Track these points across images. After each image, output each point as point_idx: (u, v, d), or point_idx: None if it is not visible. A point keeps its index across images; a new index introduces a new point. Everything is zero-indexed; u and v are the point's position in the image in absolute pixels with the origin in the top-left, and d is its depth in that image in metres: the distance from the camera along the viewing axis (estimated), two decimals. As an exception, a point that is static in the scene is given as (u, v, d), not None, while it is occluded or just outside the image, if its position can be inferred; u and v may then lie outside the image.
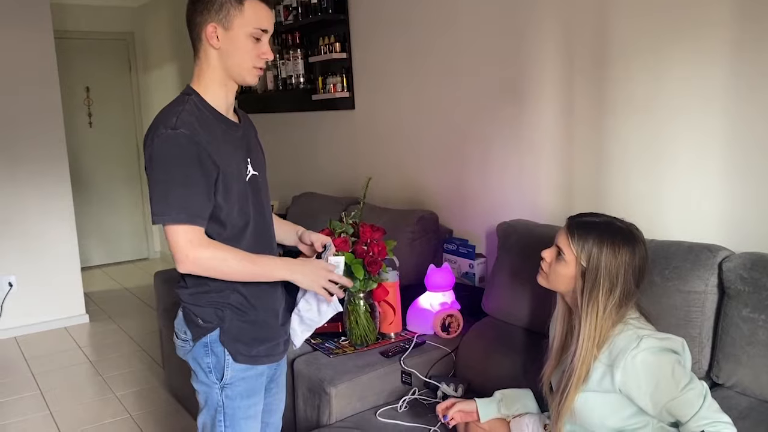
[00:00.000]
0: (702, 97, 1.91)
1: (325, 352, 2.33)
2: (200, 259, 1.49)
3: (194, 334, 1.63)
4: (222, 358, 1.61)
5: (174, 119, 1.46)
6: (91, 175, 6.06)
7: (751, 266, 1.63)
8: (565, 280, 1.57)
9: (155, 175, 1.47)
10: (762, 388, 1.58)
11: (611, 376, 1.48)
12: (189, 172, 1.46)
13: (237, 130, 1.62)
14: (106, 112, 6.13)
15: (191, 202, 1.46)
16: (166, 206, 1.46)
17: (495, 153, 2.66)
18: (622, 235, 1.53)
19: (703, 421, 1.40)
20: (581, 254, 1.52)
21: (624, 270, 1.50)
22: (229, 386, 1.63)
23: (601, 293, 1.50)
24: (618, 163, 2.18)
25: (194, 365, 1.66)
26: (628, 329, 1.49)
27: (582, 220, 1.59)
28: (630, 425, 1.51)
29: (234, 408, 1.65)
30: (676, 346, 1.49)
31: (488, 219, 2.70)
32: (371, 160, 3.41)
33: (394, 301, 2.41)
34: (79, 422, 3.12)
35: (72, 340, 4.31)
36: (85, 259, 5.75)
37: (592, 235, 1.52)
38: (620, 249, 1.50)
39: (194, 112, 1.51)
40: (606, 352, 1.50)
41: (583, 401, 1.53)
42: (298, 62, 3.69)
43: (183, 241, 1.47)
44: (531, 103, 2.46)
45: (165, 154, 1.45)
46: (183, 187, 1.45)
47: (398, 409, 2.12)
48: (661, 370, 1.44)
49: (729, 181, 1.88)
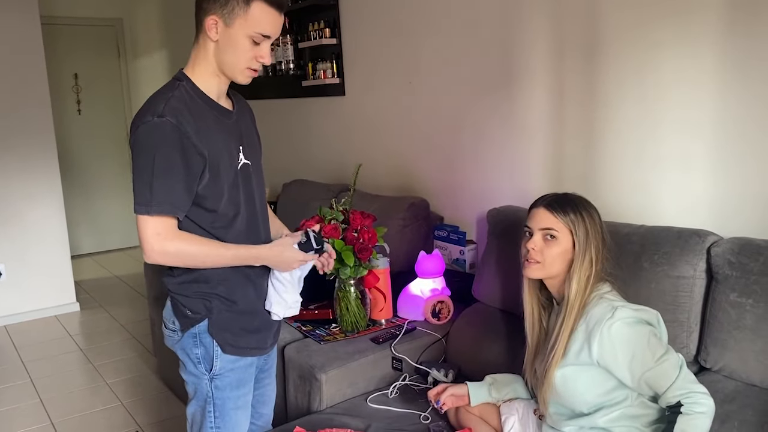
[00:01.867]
0: (691, 83, 1.91)
1: (316, 339, 2.33)
2: (166, 252, 1.48)
3: (182, 325, 1.62)
4: (211, 349, 1.61)
5: (162, 106, 1.44)
6: (80, 162, 6.02)
7: (739, 251, 1.63)
8: (561, 259, 1.59)
9: (136, 162, 1.45)
10: (748, 372, 1.60)
11: (588, 349, 1.51)
12: (170, 163, 1.44)
13: (230, 116, 1.59)
14: (94, 99, 6.07)
15: (168, 194, 1.45)
16: (143, 196, 1.45)
17: (486, 140, 2.65)
18: (582, 200, 1.64)
19: (679, 391, 1.42)
20: (571, 224, 1.58)
21: (599, 229, 1.60)
22: (219, 377, 1.63)
23: (592, 252, 1.57)
24: (608, 149, 2.18)
25: (183, 356, 1.65)
26: (602, 302, 1.53)
27: (549, 197, 1.64)
28: (609, 400, 1.53)
29: (223, 399, 1.64)
30: (650, 317, 1.53)
31: (479, 205, 2.70)
32: (362, 146, 3.40)
33: (384, 288, 2.42)
34: (69, 410, 3.12)
35: (62, 329, 4.29)
36: (75, 247, 5.73)
37: (569, 206, 1.60)
38: (591, 212, 1.61)
39: (184, 98, 1.48)
40: (583, 325, 1.53)
41: (563, 376, 1.56)
42: (288, 48, 3.66)
43: (150, 233, 1.46)
44: (522, 89, 2.45)
45: (148, 143, 1.43)
46: (162, 177, 1.43)
47: (389, 395, 2.13)
48: (636, 340, 1.47)
49: (718, 166, 1.89)
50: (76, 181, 5.96)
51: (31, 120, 4.36)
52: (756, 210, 1.82)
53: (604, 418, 1.54)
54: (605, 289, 1.58)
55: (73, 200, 5.79)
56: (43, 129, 4.41)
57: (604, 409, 1.54)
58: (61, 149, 4.77)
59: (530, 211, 1.66)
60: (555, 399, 1.61)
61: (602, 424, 1.54)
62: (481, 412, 1.85)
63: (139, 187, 1.45)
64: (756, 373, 1.58)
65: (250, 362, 1.68)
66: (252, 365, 1.69)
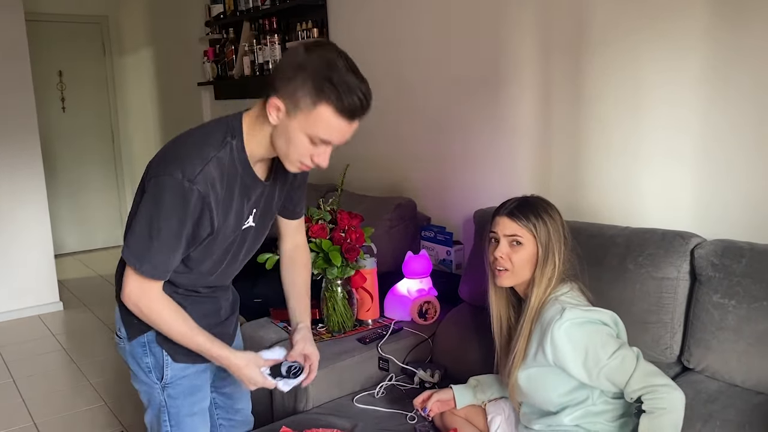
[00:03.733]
0: (677, 85, 1.93)
1: (303, 339, 2.33)
2: (144, 309, 1.45)
3: (129, 333, 1.58)
4: (160, 358, 1.57)
5: (198, 168, 1.34)
6: (64, 160, 5.96)
7: (722, 253, 1.66)
8: (529, 264, 1.60)
9: (146, 207, 1.37)
10: (731, 372, 1.62)
11: (543, 351, 1.53)
12: (179, 231, 1.37)
13: (259, 188, 1.49)
14: (79, 97, 6.02)
15: (165, 261, 1.40)
16: (138, 248, 1.39)
17: (473, 141, 2.66)
18: (544, 202, 1.65)
19: (638, 385, 1.43)
20: (534, 229, 1.58)
21: (561, 231, 1.61)
22: (171, 385, 1.59)
23: (555, 255, 1.58)
24: (595, 151, 2.20)
25: (133, 365, 1.61)
26: (555, 304, 1.54)
27: (510, 204, 1.64)
28: (572, 400, 1.55)
29: (177, 407, 1.60)
30: (603, 317, 1.54)
31: (466, 206, 2.71)
32: (349, 146, 3.36)
33: (371, 288, 2.42)
34: (53, 410, 3.09)
35: (45, 328, 4.25)
36: (59, 246, 5.67)
37: (531, 212, 1.60)
38: (552, 215, 1.62)
39: (224, 163, 1.38)
40: (538, 327, 1.55)
41: (528, 377, 1.58)
42: (276, 47, 3.66)
43: (135, 284, 1.43)
44: (509, 91, 2.46)
45: (166, 201, 1.35)
46: (165, 242, 1.37)
47: (375, 395, 2.13)
48: (587, 339, 1.49)
49: (702, 169, 1.91)
50: (60, 179, 5.91)
51: (14, 117, 4.30)
52: (739, 212, 1.84)
53: (568, 417, 1.56)
54: (563, 291, 1.59)
55: (57, 199, 5.74)
56: (27, 127, 4.36)
57: (568, 408, 1.56)
58: (45, 147, 4.73)
59: (493, 218, 1.65)
60: (523, 399, 1.64)
61: (568, 422, 1.57)
62: (466, 414, 1.86)
63: (139, 234, 1.38)
64: (738, 374, 1.60)
65: (203, 368, 1.63)
66: (206, 371, 1.64)
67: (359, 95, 1.31)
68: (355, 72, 1.33)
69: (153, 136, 5.88)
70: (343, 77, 1.29)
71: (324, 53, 1.31)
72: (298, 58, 1.32)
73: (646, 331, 1.74)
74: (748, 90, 1.78)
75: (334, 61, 1.30)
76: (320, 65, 1.29)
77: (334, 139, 1.38)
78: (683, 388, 1.64)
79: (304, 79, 1.29)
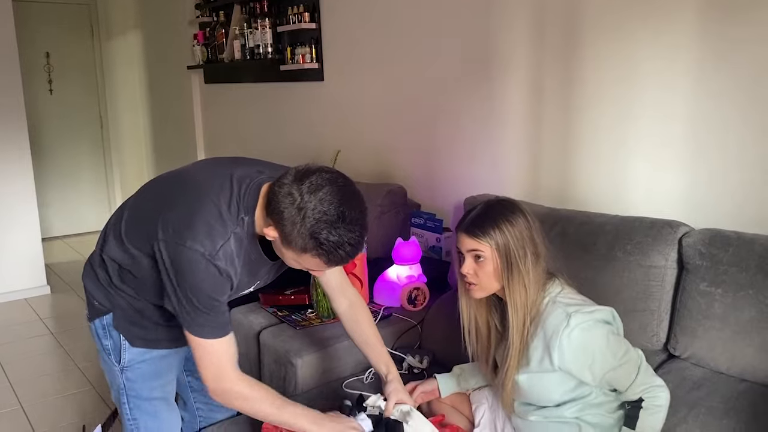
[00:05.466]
0: (667, 75, 1.93)
1: (292, 325, 2.33)
2: (230, 391, 1.45)
3: (90, 313, 1.58)
4: (118, 341, 1.57)
5: (219, 245, 1.36)
6: (52, 143, 5.90)
7: (710, 242, 1.67)
8: (494, 276, 1.56)
9: (183, 293, 1.38)
10: (716, 360, 1.64)
11: (549, 357, 1.50)
12: (217, 300, 1.40)
13: (265, 264, 1.51)
14: (67, 79, 5.95)
15: (220, 320, 1.43)
16: (200, 328, 1.41)
17: (464, 127, 2.66)
18: (504, 208, 1.58)
19: (640, 387, 1.45)
20: (492, 242, 1.53)
21: (527, 234, 1.54)
22: (129, 369, 1.58)
23: (520, 262, 1.52)
24: (585, 139, 2.20)
25: (98, 345, 1.61)
26: (556, 308, 1.51)
27: (468, 219, 1.58)
28: (575, 396, 1.55)
29: (136, 390, 1.60)
30: (605, 316, 1.52)
31: (456, 193, 2.72)
32: (340, 132, 3.39)
33: (361, 274, 2.42)
34: (41, 394, 3.08)
35: (33, 312, 4.23)
36: (46, 229, 5.63)
37: (487, 223, 1.54)
38: (512, 219, 1.54)
39: (240, 240, 1.40)
40: (540, 334, 1.52)
41: (527, 381, 1.55)
42: (266, 31, 3.62)
43: (226, 361, 1.44)
44: (500, 78, 2.46)
45: (198, 282, 1.36)
46: (212, 312, 1.41)
47: (364, 380, 2.14)
48: (595, 344, 1.47)
49: (691, 159, 1.92)
50: (48, 162, 5.85)
51: (0, 99, 4.25)
52: (727, 201, 1.86)
53: (569, 411, 1.55)
54: (555, 290, 1.56)
55: (45, 182, 5.69)
56: (14, 109, 4.31)
57: (571, 402, 1.56)
58: (32, 130, 4.67)
59: (456, 233, 1.61)
60: (520, 398, 1.62)
61: (568, 415, 1.56)
62: (452, 402, 1.86)
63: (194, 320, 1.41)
64: (723, 361, 1.62)
65: (166, 353, 1.61)
66: (167, 357, 1.62)
67: (347, 249, 1.32)
68: (349, 218, 1.31)
69: (141, 119, 5.83)
70: (332, 235, 1.29)
71: (318, 205, 1.29)
72: (292, 204, 1.30)
73: (634, 319, 1.76)
74: (738, 80, 1.79)
75: (327, 213, 1.29)
76: (311, 221, 1.28)
77: (326, 269, 1.40)
78: (669, 375, 1.68)
79: (294, 228, 1.30)
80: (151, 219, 1.41)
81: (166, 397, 1.65)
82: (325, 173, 1.33)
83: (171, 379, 1.67)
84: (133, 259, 1.47)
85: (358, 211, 1.33)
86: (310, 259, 1.34)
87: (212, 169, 1.52)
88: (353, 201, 1.33)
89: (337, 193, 1.31)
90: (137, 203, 1.55)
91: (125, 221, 1.51)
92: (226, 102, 4.43)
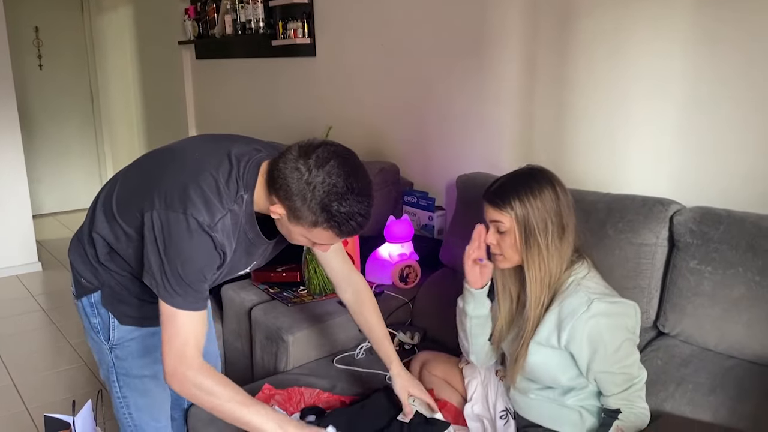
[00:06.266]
0: (662, 54, 1.92)
1: (283, 301, 2.34)
2: (190, 380, 1.38)
3: (77, 291, 1.57)
4: (107, 319, 1.55)
5: (217, 217, 1.34)
6: (42, 119, 5.85)
7: (701, 220, 1.67)
8: (515, 249, 1.54)
9: (170, 262, 1.34)
10: (704, 337, 1.65)
11: (558, 335, 1.49)
12: (204, 277, 1.38)
13: (263, 244, 1.50)
14: (57, 54, 5.88)
15: (199, 296, 1.39)
16: (176, 297, 1.37)
17: (457, 106, 2.65)
18: (530, 177, 1.54)
19: (624, 402, 1.46)
20: (512, 213, 1.50)
21: (552, 207, 1.50)
22: (118, 347, 1.58)
23: (539, 236, 1.49)
24: (578, 117, 2.19)
25: (85, 323, 1.60)
26: (579, 290, 1.48)
27: (492, 189, 1.56)
28: (580, 383, 1.54)
29: (126, 368, 1.59)
30: (628, 311, 1.49)
31: (449, 172, 2.71)
32: (332, 109, 3.36)
33: (353, 252, 2.42)
34: (33, 370, 3.09)
35: (24, 289, 4.22)
36: (37, 206, 5.60)
37: (510, 193, 1.51)
38: (537, 190, 1.50)
39: (237, 216, 1.39)
40: (556, 310, 1.50)
41: (535, 352, 1.54)
42: (258, 6, 3.58)
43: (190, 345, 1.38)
44: (493, 55, 2.44)
45: (192, 252, 1.34)
46: (194, 286, 1.37)
47: (355, 356, 2.15)
48: (606, 341, 1.45)
49: (684, 137, 1.92)
50: (38, 138, 5.80)
51: (-12, 73, 4.21)
52: (719, 180, 1.85)
53: (573, 399, 1.55)
54: (582, 272, 1.52)
55: (35, 159, 5.65)
56: (2, 85, 4.26)
57: (574, 390, 1.55)
58: (21, 106, 4.63)
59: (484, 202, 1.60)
60: (524, 373, 1.60)
61: (571, 404, 1.55)
62: (444, 374, 1.87)
63: (172, 285, 1.37)
64: (711, 338, 1.63)
65: (154, 331, 1.59)
66: (156, 334, 1.57)
67: (358, 220, 1.32)
68: (357, 189, 1.31)
69: (132, 95, 5.77)
70: (342, 206, 1.29)
71: (326, 177, 1.28)
72: (300, 178, 1.29)
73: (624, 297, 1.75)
74: (732, 60, 1.78)
75: (336, 185, 1.28)
76: (321, 193, 1.28)
77: (334, 241, 1.41)
78: (658, 352, 1.69)
79: (304, 202, 1.29)
80: (145, 192, 1.39)
81: (155, 375, 1.64)
82: (330, 146, 1.33)
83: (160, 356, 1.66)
84: (123, 235, 1.45)
85: (365, 182, 1.34)
86: (322, 233, 1.34)
87: (209, 144, 1.50)
88: (360, 172, 1.33)
89: (344, 166, 1.31)
90: (129, 178, 1.52)
91: (116, 196, 1.49)
92: (217, 77, 4.38)
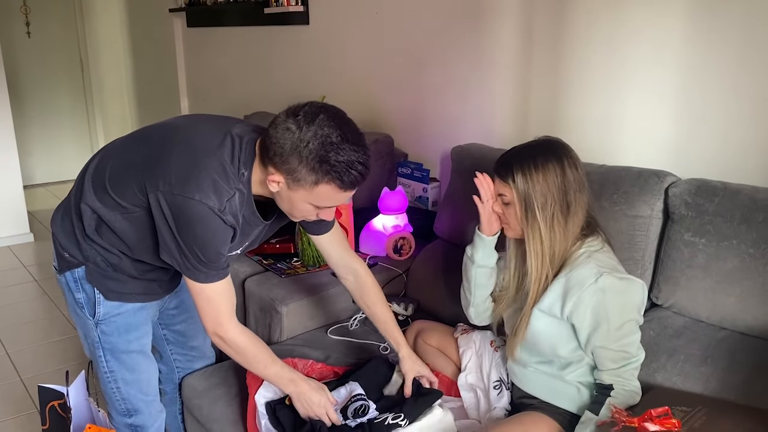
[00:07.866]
0: (660, 25, 1.90)
1: (277, 273, 2.33)
2: (229, 341, 1.50)
3: (60, 265, 1.55)
4: (92, 295, 1.54)
5: (225, 200, 1.34)
6: (32, 89, 5.76)
7: (696, 192, 1.67)
8: (517, 220, 1.54)
9: (188, 246, 1.37)
10: (696, 309, 1.66)
11: (562, 304, 1.48)
12: (221, 254, 1.42)
13: (258, 225, 1.50)
14: (45, 23, 5.76)
15: (221, 266, 1.45)
16: (201, 274, 1.42)
17: (451, 76, 2.62)
18: (538, 150, 1.52)
19: (618, 378, 1.46)
20: (514, 186, 1.50)
21: (556, 182, 1.48)
22: (104, 322, 1.57)
23: (538, 212, 1.48)
24: (575, 88, 2.17)
25: (68, 297, 1.59)
26: (590, 262, 1.47)
27: (502, 159, 1.56)
28: (579, 356, 1.54)
29: (112, 343, 1.59)
30: (636, 288, 1.48)
31: (443, 143, 2.69)
32: (326, 79, 3.32)
33: (347, 223, 2.41)
34: (25, 340, 3.09)
35: (16, 259, 4.20)
36: (28, 177, 5.55)
37: (514, 165, 1.50)
38: (543, 164, 1.48)
39: (242, 196, 1.39)
40: (562, 280, 1.49)
41: (537, 319, 1.53)
42: (251, -27, 3.52)
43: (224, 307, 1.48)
44: (489, 26, 2.41)
45: (208, 236, 1.37)
46: (215, 262, 1.42)
47: (349, 327, 2.16)
48: (608, 317, 1.44)
49: (681, 108, 1.90)
50: (28, 108, 5.72)
51: (-24, 41, 4.13)
52: (715, 152, 1.85)
53: (571, 375, 1.55)
54: (596, 246, 1.51)
55: (25, 129, 5.58)
56: (-10, 52, 4.19)
57: (572, 365, 1.55)
58: (10, 75, 4.56)
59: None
60: (526, 347, 1.60)
61: (570, 379, 1.55)
62: (439, 344, 1.88)
63: (196, 263, 1.42)
64: (704, 310, 1.64)
65: (140, 306, 1.60)
66: (143, 309, 1.61)
67: (358, 169, 1.31)
68: (352, 139, 1.30)
69: (123, 63, 5.69)
70: (340, 155, 1.28)
71: (318, 129, 1.28)
72: (292, 136, 1.28)
73: (618, 269, 1.76)
74: (729, 32, 1.75)
75: (329, 136, 1.28)
76: (316, 146, 1.27)
77: (339, 204, 1.42)
78: (651, 323, 1.70)
79: (301, 160, 1.28)
80: (146, 169, 1.38)
81: (142, 350, 1.65)
82: (315, 104, 1.33)
83: (147, 331, 1.66)
84: (117, 207, 1.43)
85: (358, 133, 1.34)
86: (325, 190, 1.32)
87: (211, 124, 1.48)
88: (351, 125, 1.34)
89: (334, 118, 1.31)
90: (126, 152, 1.49)
91: (110, 169, 1.46)
92: (209, 46, 4.32)
